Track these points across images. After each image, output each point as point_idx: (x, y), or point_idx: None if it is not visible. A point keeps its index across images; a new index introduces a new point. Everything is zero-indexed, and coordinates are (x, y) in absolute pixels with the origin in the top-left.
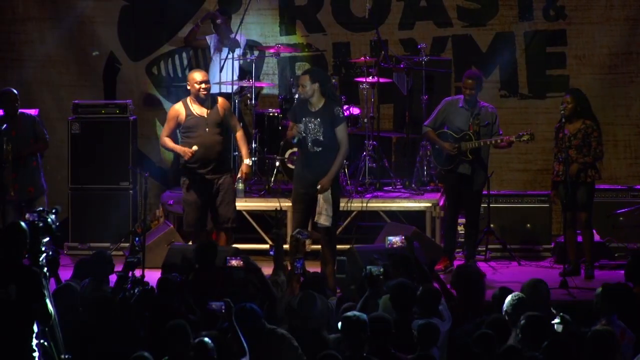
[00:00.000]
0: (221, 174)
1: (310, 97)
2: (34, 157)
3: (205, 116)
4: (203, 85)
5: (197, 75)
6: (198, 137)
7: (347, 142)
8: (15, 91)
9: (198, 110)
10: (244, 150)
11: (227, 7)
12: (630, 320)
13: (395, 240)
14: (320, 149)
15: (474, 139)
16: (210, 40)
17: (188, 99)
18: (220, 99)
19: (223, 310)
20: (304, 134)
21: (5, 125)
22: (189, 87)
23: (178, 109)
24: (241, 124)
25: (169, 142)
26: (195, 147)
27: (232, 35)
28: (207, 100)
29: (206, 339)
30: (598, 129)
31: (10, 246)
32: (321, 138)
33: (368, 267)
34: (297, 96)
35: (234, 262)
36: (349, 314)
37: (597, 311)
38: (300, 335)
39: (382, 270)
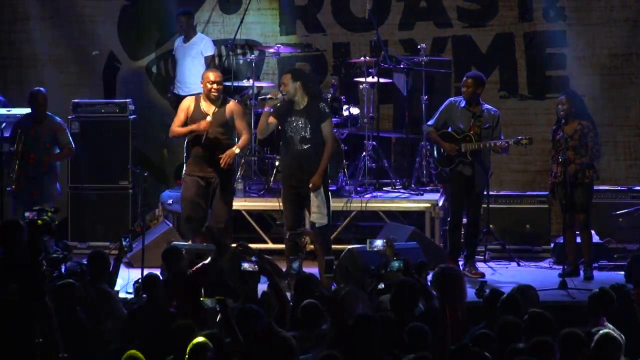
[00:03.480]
0: (221, 174)
1: (293, 96)
2: (44, 163)
3: (210, 115)
4: (215, 86)
5: (210, 75)
6: (200, 137)
7: (333, 138)
8: (43, 91)
9: (206, 108)
10: (239, 142)
11: (190, 6)
12: (627, 322)
13: (377, 243)
14: (307, 146)
15: (474, 140)
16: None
17: (200, 96)
18: (232, 102)
19: (218, 309)
20: (282, 100)
21: (4, 124)
22: (201, 86)
23: (189, 103)
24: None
25: (180, 129)
26: (209, 118)
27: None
28: (218, 100)
29: (204, 339)
30: (594, 129)
31: (7, 244)
32: (308, 135)
33: (390, 263)
34: (279, 95)
35: (247, 267)
36: (363, 313)
37: (587, 313)
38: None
39: (402, 265)
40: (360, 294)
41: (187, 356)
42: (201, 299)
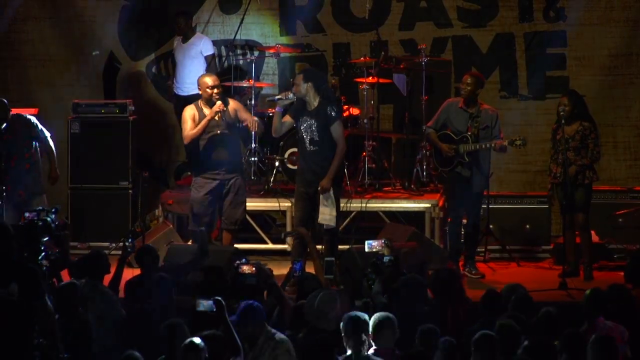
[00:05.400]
0: (233, 175)
1: (304, 96)
2: (26, 160)
3: (217, 118)
4: (215, 90)
5: (208, 80)
6: (211, 138)
7: (343, 141)
8: (4, 101)
9: (209, 113)
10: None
11: (188, 7)
12: (628, 322)
13: (375, 244)
14: (316, 147)
15: (471, 141)
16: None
17: (199, 102)
18: (231, 101)
19: (214, 310)
20: (293, 100)
21: (5, 125)
22: (200, 92)
23: (192, 111)
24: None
25: (195, 129)
26: (219, 102)
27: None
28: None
29: (197, 340)
30: (595, 130)
31: None
32: (316, 137)
33: (380, 256)
34: (290, 95)
35: (245, 269)
36: (351, 313)
37: (583, 314)
38: (319, 335)
39: (391, 260)
40: (336, 298)
41: (181, 356)
42: (197, 299)
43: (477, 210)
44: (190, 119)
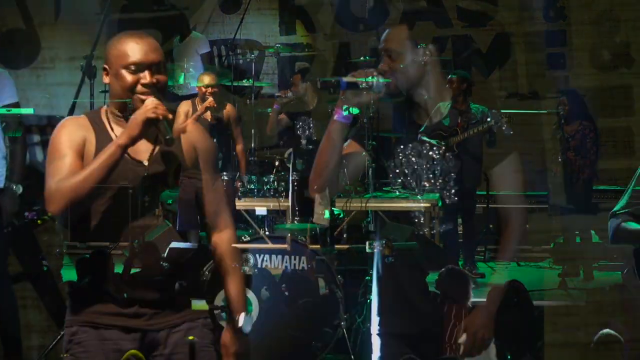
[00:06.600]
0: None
1: (303, 96)
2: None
3: (209, 118)
4: (210, 89)
5: (205, 78)
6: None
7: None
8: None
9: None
10: (241, 165)
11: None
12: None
13: (376, 244)
14: (312, 147)
15: (459, 133)
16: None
17: (196, 100)
18: (229, 106)
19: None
20: (292, 99)
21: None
22: (197, 89)
23: (187, 108)
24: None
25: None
26: (210, 99)
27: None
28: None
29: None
30: (595, 129)
31: None
32: (314, 137)
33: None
34: (289, 94)
35: (247, 270)
36: None
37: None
38: None
39: (392, 260)
40: None
41: None
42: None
43: (472, 206)
44: (183, 114)
